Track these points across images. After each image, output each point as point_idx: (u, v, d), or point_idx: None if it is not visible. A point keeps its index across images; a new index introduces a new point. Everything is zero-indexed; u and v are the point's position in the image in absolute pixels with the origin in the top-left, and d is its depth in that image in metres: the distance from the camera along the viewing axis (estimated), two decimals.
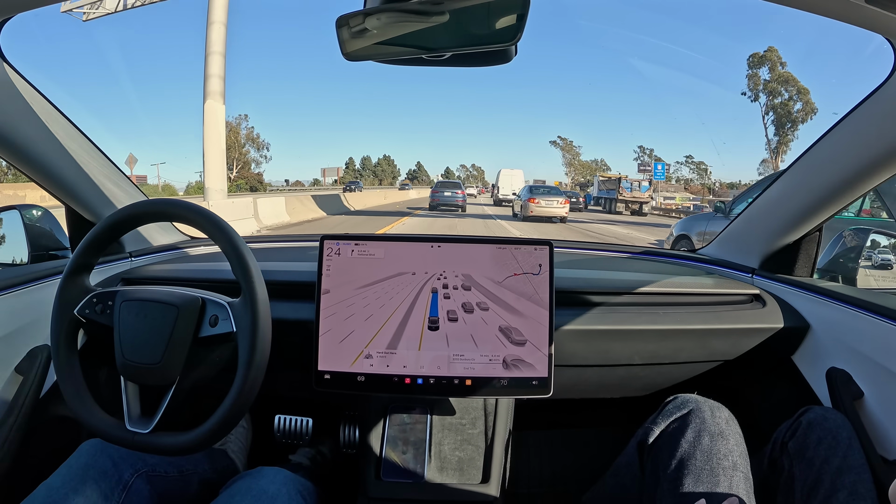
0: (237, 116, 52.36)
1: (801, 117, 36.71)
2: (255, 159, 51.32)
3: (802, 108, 36.84)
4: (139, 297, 0.80)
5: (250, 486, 0.79)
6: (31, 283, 0.99)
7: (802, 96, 37.05)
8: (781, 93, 36.84)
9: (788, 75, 36.73)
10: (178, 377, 0.78)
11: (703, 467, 0.77)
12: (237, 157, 49.59)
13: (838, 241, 1.27)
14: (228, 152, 47.45)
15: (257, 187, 48.78)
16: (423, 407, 1.03)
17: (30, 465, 0.93)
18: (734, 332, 1.06)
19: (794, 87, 36.42)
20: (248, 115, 57.57)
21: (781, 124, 37.17)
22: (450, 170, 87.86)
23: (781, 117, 37.12)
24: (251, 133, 51.95)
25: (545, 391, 0.91)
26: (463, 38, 0.73)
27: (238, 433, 1.20)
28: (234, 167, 49.00)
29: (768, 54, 37.65)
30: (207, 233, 0.80)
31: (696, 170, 55.58)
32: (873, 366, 0.91)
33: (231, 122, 49.30)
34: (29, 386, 0.93)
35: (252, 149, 51.66)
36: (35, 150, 1.00)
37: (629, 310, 1.07)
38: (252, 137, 51.76)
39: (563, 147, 70.14)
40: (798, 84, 36.78)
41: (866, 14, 0.66)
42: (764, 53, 37.92)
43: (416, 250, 0.94)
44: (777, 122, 37.47)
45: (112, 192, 1.19)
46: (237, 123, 50.65)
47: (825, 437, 0.82)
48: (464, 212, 19.64)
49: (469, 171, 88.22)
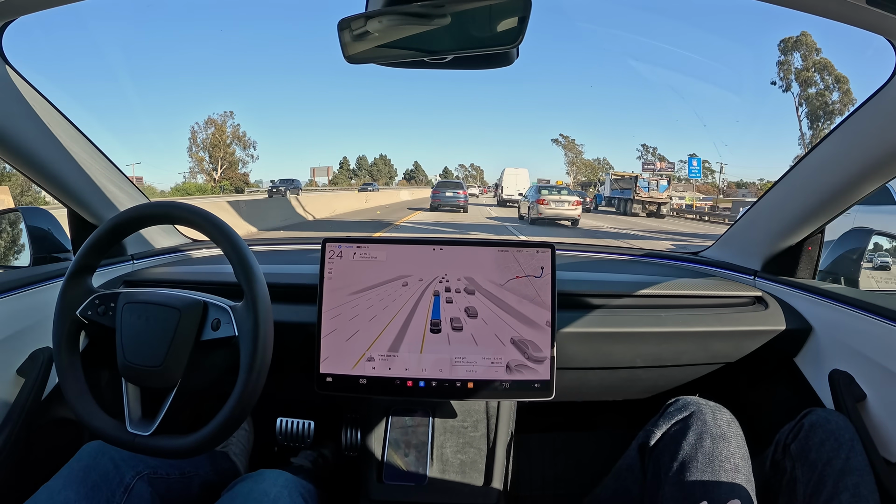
0: (222, 113, 49.36)
1: (839, 108, 33.24)
2: (241, 159, 48.74)
3: (841, 98, 32.95)
4: (142, 300, 0.80)
5: (252, 488, 0.79)
6: (32, 286, 0.99)
7: (842, 85, 32.92)
8: (816, 81, 33.72)
9: (825, 62, 33.26)
10: (179, 380, 0.78)
11: (704, 469, 0.77)
12: (222, 156, 46.80)
13: (840, 242, 1.26)
14: (213, 151, 45.27)
15: (243, 189, 45.54)
16: (425, 410, 1.03)
17: (31, 467, 0.93)
18: (736, 334, 1.06)
19: (831, 75, 32.40)
20: (233, 112, 54.89)
21: (816, 117, 33.83)
22: (448, 169, 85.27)
23: (817, 109, 33.32)
24: (237, 131, 48.27)
25: (547, 394, 0.91)
26: (465, 41, 0.74)
27: (240, 435, 1.20)
28: (219, 167, 46.59)
29: (802, 38, 33.89)
30: (210, 235, 0.80)
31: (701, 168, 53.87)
32: (876, 367, 0.91)
33: (216, 119, 47.62)
34: (30, 388, 0.93)
35: (238, 148, 48.30)
36: (37, 152, 1.00)
37: (631, 312, 1.07)
38: (238, 136, 48.24)
39: (566, 145, 66.46)
40: (835, 72, 32.72)
41: (867, 15, 0.65)
42: (798, 37, 34.33)
43: (418, 253, 0.94)
44: (811, 115, 33.97)
45: (114, 195, 1.19)
46: (222, 121, 47.74)
47: (827, 439, 0.82)
48: (465, 212, 18.94)
49: (468, 171, 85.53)
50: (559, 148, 66.59)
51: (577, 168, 64.96)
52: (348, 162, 73.65)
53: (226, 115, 48.39)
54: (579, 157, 66.36)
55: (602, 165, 62.71)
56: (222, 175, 46.80)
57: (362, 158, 74.61)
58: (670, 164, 46.71)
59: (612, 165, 61.83)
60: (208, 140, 46.62)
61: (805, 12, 0.69)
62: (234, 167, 48.05)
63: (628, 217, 22.26)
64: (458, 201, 19.15)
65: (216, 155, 46.19)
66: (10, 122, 0.93)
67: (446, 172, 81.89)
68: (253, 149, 48.81)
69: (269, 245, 1.54)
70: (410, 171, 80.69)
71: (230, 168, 47.50)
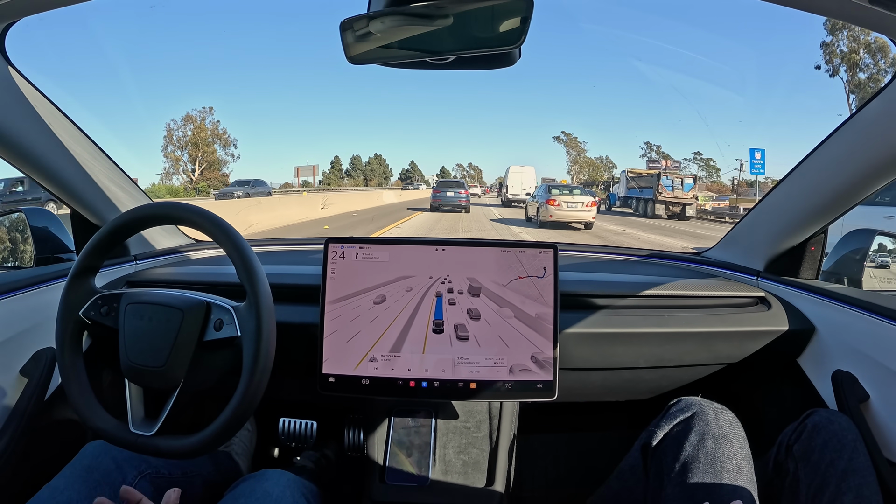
0: (201, 109, 43.92)
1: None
2: (221, 158, 43.52)
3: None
4: (144, 300, 0.80)
5: (254, 488, 0.79)
6: (35, 286, 0.99)
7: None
8: (867, 65, 28.33)
9: (881, 43, 26.94)
10: (182, 380, 0.78)
11: (706, 470, 0.76)
12: (201, 155, 42.02)
13: (843, 243, 1.26)
14: (191, 150, 41.90)
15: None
16: (428, 410, 1.03)
17: (34, 466, 0.93)
18: (739, 334, 1.05)
19: (885, 57, 27.34)
20: (213, 108, 48.57)
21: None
22: (445, 169, 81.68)
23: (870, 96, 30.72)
24: (216, 128, 43.43)
25: (550, 394, 0.91)
26: (467, 42, 0.74)
27: (242, 436, 1.20)
28: (198, 167, 41.86)
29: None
30: (212, 236, 0.80)
31: (706, 167, 50.20)
32: (879, 368, 0.90)
33: (194, 115, 42.59)
34: (34, 388, 0.93)
35: (218, 146, 43.20)
36: (40, 153, 1.00)
37: (634, 313, 1.07)
38: (218, 133, 43.38)
39: (568, 143, 62.30)
40: (890, 54, 26.38)
41: (871, 15, 0.65)
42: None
43: (420, 253, 0.94)
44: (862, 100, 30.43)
45: (117, 196, 1.19)
46: (201, 118, 42.74)
47: (830, 440, 0.82)
48: (467, 212, 18.16)
49: (466, 171, 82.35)
50: (561, 146, 63.37)
51: (579, 167, 61.39)
52: (340, 161, 69.70)
53: (205, 110, 43.69)
54: (582, 155, 62.50)
55: (605, 164, 60.57)
56: (200, 176, 42.75)
57: (356, 158, 70.68)
58: (676, 162, 45.10)
59: (615, 164, 59.34)
60: (186, 138, 42.70)
61: (808, 12, 0.69)
62: (214, 167, 43.40)
63: (649, 219, 19.54)
64: (459, 201, 18.44)
65: (194, 154, 42.52)
66: (12, 122, 0.93)
67: (443, 172, 79.40)
68: (234, 147, 44.70)
69: (272, 245, 1.54)
70: (406, 171, 77.34)
71: (210, 168, 43.53)
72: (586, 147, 64.07)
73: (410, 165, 79.07)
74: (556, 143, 63.64)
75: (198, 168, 42.73)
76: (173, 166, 43.39)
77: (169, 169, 43.48)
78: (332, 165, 69.59)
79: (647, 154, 53.70)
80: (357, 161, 70.10)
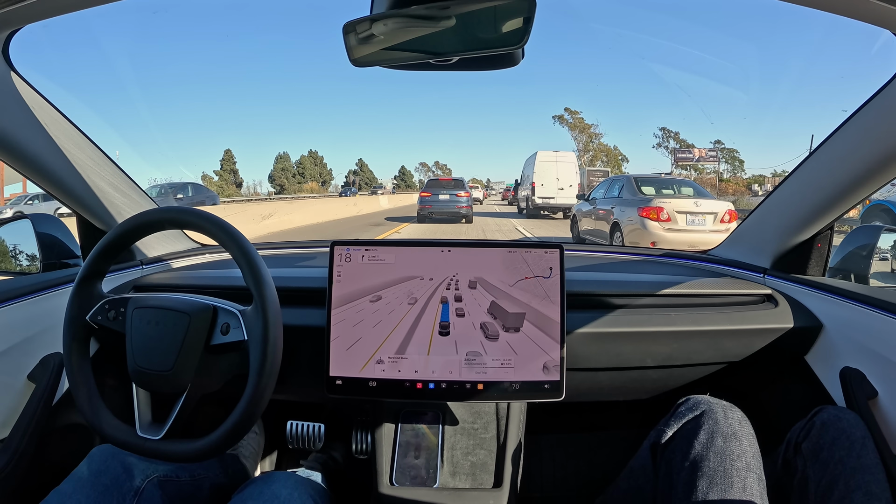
0: None
1: None
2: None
3: None
4: (151, 305, 0.81)
5: (262, 490, 0.79)
6: (42, 292, 0.99)
7: None
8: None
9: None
10: (189, 384, 0.78)
11: (716, 469, 0.76)
12: None
13: (850, 239, 1.26)
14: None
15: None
16: (435, 412, 1.03)
17: (43, 471, 0.94)
18: (746, 332, 1.05)
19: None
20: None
21: None
22: (406, 169, 67.96)
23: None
24: None
25: (557, 395, 0.91)
26: (470, 43, 0.74)
27: (250, 438, 1.20)
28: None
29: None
30: (218, 240, 0.81)
31: (729, 158, 40.61)
32: (887, 364, 0.90)
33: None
34: (41, 393, 0.94)
35: None
36: (45, 159, 1.01)
37: (641, 312, 1.07)
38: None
39: (573, 125, 45.17)
40: None
41: (873, 9, 0.65)
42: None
43: (426, 255, 0.94)
44: None
45: (122, 201, 1.19)
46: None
47: (839, 437, 0.81)
48: (469, 222, 13.36)
49: (432, 171, 65.49)
50: (564, 128, 46.35)
51: (592, 154, 44.94)
52: (233, 156, 51.12)
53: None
54: (593, 139, 45.73)
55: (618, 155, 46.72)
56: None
57: (283, 156, 56.23)
58: (711, 150, 37.16)
59: (626, 157, 46.89)
60: None
61: (810, 7, 0.69)
62: None
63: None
64: (458, 208, 13.21)
65: None
66: (17, 129, 0.94)
67: (403, 173, 66.32)
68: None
69: (278, 249, 1.54)
70: (355, 172, 63.40)
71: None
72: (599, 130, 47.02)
73: (358, 164, 65.49)
74: (558, 124, 46.78)
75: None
76: None
77: None
78: (222, 165, 49.34)
79: (663, 143, 42.50)
80: (284, 159, 56.34)
